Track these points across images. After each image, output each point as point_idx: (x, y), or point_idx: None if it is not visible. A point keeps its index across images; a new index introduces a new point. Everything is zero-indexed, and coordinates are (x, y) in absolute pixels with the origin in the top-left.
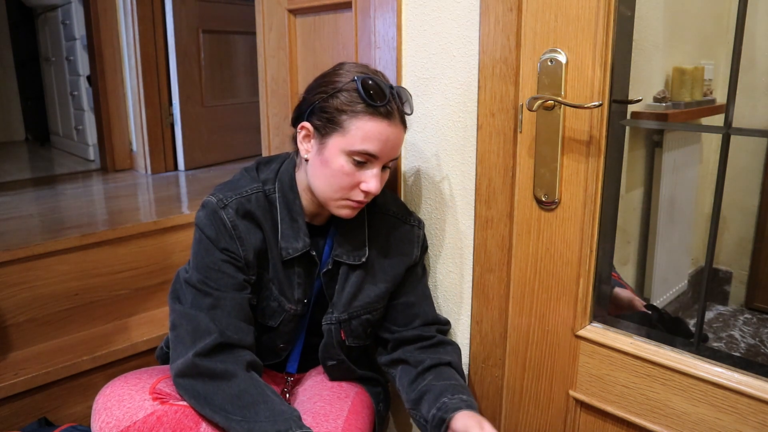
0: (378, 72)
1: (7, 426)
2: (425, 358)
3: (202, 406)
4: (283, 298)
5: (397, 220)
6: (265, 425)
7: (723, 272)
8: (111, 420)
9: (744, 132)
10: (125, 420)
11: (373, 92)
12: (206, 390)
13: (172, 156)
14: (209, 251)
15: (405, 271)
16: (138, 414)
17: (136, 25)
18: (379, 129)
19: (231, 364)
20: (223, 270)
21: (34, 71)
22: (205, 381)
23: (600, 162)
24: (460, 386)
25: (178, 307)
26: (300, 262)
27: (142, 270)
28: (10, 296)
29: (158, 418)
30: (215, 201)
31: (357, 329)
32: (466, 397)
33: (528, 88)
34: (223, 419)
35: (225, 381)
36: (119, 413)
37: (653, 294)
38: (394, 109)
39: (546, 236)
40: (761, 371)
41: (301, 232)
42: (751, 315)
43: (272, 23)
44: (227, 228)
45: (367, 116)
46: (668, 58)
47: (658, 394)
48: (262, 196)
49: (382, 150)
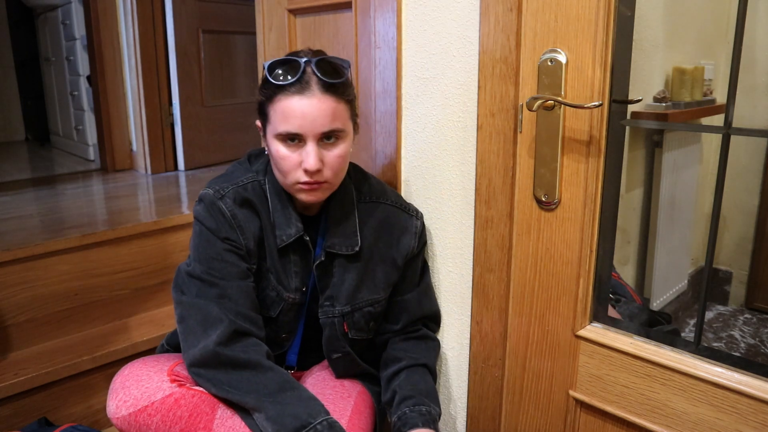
0: (316, 51)
1: (7, 426)
2: (403, 356)
3: (227, 393)
4: (281, 287)
5: (394, 208)
6: (297, 408)
7: (723, 272)
8: (129, 399)
9: (744, 132)
10: (143, 399)
11: (280, 71)
12: (230, 379)
13: (172, 156)
14: (211, 242)
15: (404, 263)
16: (156, 395)
17: (136, 25)
18: (292, 106)
19: (253, 353)
20: (226, 259)
21: (34, 71)
22: (228, 370)
23: (600, 162)
24: (425, 392)
25: (185, 299)
26: (295, 250)
27: (142, 270)
28: (10, 296)
29: (176, 400)
30: (212, 192)
31: (359, 321)
32: (425, 409)
33: (528, 88)
34: (254, 400)
35: (249, 370)
36: (137, 392)
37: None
38: (309, 81)
39: (546, 236)
40: (761, 371)
41: (293, 218)
42: (751, 315)
43: (272, 23)
44: (227, 218)
45: (280, 96)
46: (668, 58)
47: (658, 394)
48: (258, 185)
49: (303, 125)
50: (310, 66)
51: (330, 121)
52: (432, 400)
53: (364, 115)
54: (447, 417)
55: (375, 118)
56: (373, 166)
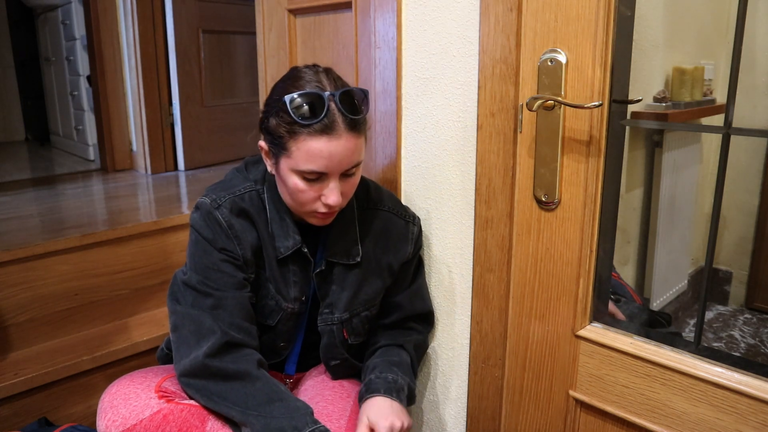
0: (327, 72)
1: (7, 426)
2: (380, 339)
3: (216, 404)
4: (280, 297)
5: (392, 215)
6: (282, 421)
7: (723, 272)
8: (117, 418)
9: (744, 132)
10: (131, 418)
11: (305, 110)
12: (219, 390)
13: (172, 156)
14: (207, 252)
15: (399, 268)
16: (144, 412)
17: (136, 25)
18: (320, 147)
19: (243, 363)
20: (222, 270)
21: (34, 71)
22: (218, 381)
23: (600, 162)
24: (397, 363)
25: (180, 308)
26: (294, 261)
27: (142, 270)
28: (10, 296)
29: (164, 416)
30: (209, 201)
31: (357, 327)
32: (391, 377)
33: (528, 88)
34: (240, 414)
35: (238, 381)
36: (125, 411)
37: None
38: (335, 120)
39: (546, 236)
40: (761, 371)
41: (290, 229)
42: (751, 315)
43: (272, 23)
44: (223, 228)
45: (305, 135)
46: (668, 58)
47: (658, 394)
48: (256, 194)
49: (329, 166)
50: (334, 101)
51: (355, 157)
52: (402, 370)
53: None
54: (447, 417)
55: (375, 118)
56: (373, 166)
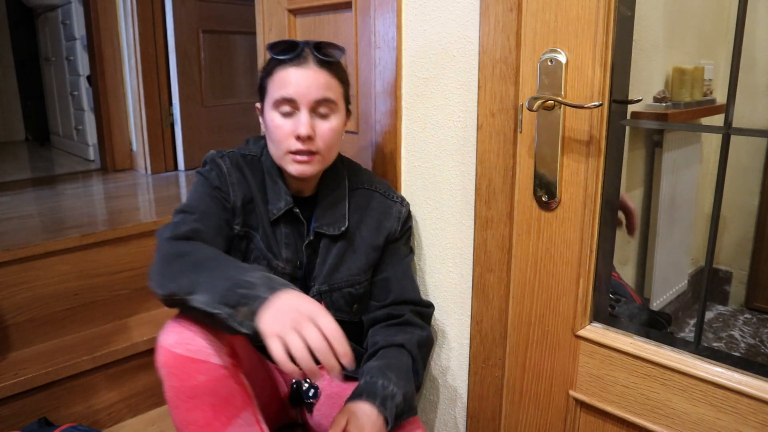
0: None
1: (7, 426)
2: (380, 339)
3: (170, 282)
4: (271, 255)
5: (380, 195)
6: (230, 270)
7: (723, 272)
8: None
9: (744, 132)
10: (202, 354)
11: (280, 48)
12: (172, 270)
13: (172, 156)
14: (203, 186)
15: (384, 244)
16: (214, 358)
17: (136, 25)
18: (288, 74)
19: (199, 244)
20: (212, 200)
21: (34, 71)
22: (172, 262)
23: (600, 162)
24: (393, 366)
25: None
26: (286, 223)
27: (142, 270)
28: (10, 296)
29: (224, 376)
30: (215, 152)
31: (338, 301)
32: (381, 383)
33: (528, 88)
34: (190, 281)
35: (192, 254)
36: (202, 343)
37: (653, 294)
38: (306, 56)
39: (546, 236)
40: (761, 371)
41: (282, 191)
42: (751, 315)
43: (272, 23)
44: (223, 173)
45: (279, 69)
46: (668, 58)
47: (658, 394)
48: (256, 159)
49: (297, 91)
50: (308, 46)
51: (323, 90)
52: (397, 375)
53: (364, 115)
54: (447, 417)
55: (375, 118)
56: (373, 166)
